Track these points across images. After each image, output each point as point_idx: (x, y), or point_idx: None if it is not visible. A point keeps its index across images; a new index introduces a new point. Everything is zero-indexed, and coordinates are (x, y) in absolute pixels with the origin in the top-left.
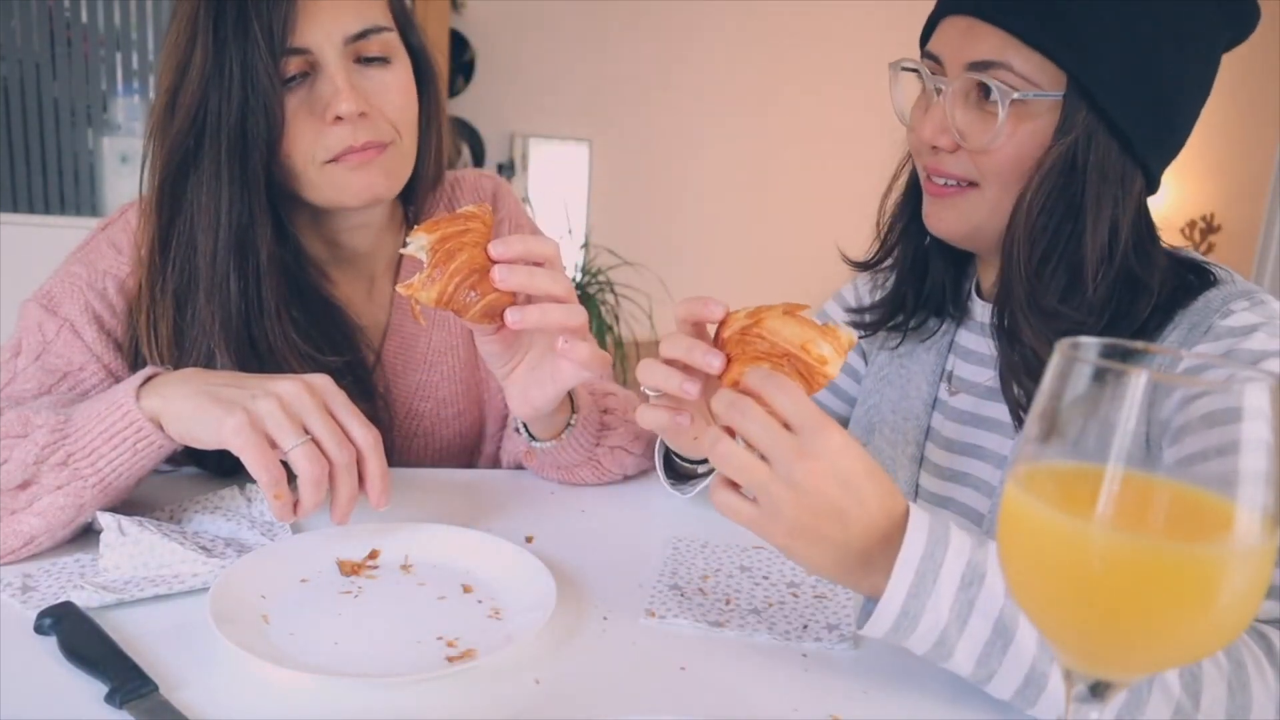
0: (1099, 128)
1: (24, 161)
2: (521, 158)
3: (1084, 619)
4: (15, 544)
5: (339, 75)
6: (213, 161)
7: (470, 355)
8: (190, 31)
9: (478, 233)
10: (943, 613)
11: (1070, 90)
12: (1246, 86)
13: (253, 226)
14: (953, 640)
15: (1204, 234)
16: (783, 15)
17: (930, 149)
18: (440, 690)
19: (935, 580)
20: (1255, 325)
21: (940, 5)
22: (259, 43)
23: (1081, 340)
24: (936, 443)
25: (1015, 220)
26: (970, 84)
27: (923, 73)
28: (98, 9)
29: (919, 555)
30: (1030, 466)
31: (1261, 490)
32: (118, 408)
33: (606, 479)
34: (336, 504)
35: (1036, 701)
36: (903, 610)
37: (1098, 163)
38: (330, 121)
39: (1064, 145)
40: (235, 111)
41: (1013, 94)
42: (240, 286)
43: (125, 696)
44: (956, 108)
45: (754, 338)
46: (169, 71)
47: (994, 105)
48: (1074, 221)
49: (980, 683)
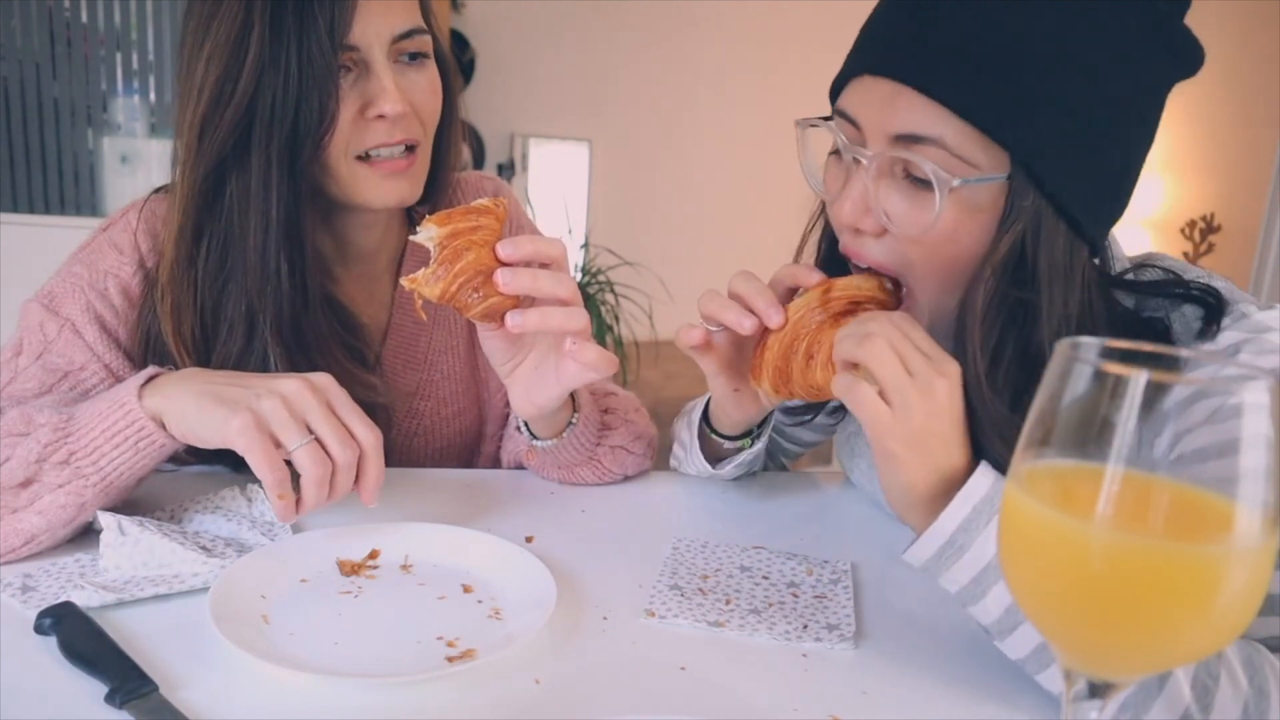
0: (1047, 211)
1: (24, 161)
2: (521, 158)
3: (1084, 619)
4: (16, 543)
5: (386, 75)
6: (262, 154)
7: (470, 355)
8: (242, 25)
9: (489, 230)
10: (987, 552)
11: (1015, 172)
12: (1246, 86)
13: (300, 218)
14: (988, 583)
15: (1204, 234)
16: (783, 15)
17: (853, 231)
18: (440, 690)
19: (989, 522)
20: (1238, 344)
21: (855, 61)
22: (320, 34)
23: (1081, 340)
24: None
25: (964, 328)
26: (896, 160)
27: (840, 139)
28: (98, 9)
29: (980, 495)
30: (1030, 466)
31: (1261, 490)
32: (120, 406)
33: (607, 479)
34: (330, 497)
35: (1050, 665)
36: (950, 540)
37: (1048, 251)
38: (371, 118)
39: (1011, 238)
40: (291, 103)
41: (951, 181)
42: (291, 279)
43: (125, 696)
44: (880, 185)
45: (833, 300)
46: (215, 65)
47: (924, 185)
48: (1024, 320)
49: (1001, 635)
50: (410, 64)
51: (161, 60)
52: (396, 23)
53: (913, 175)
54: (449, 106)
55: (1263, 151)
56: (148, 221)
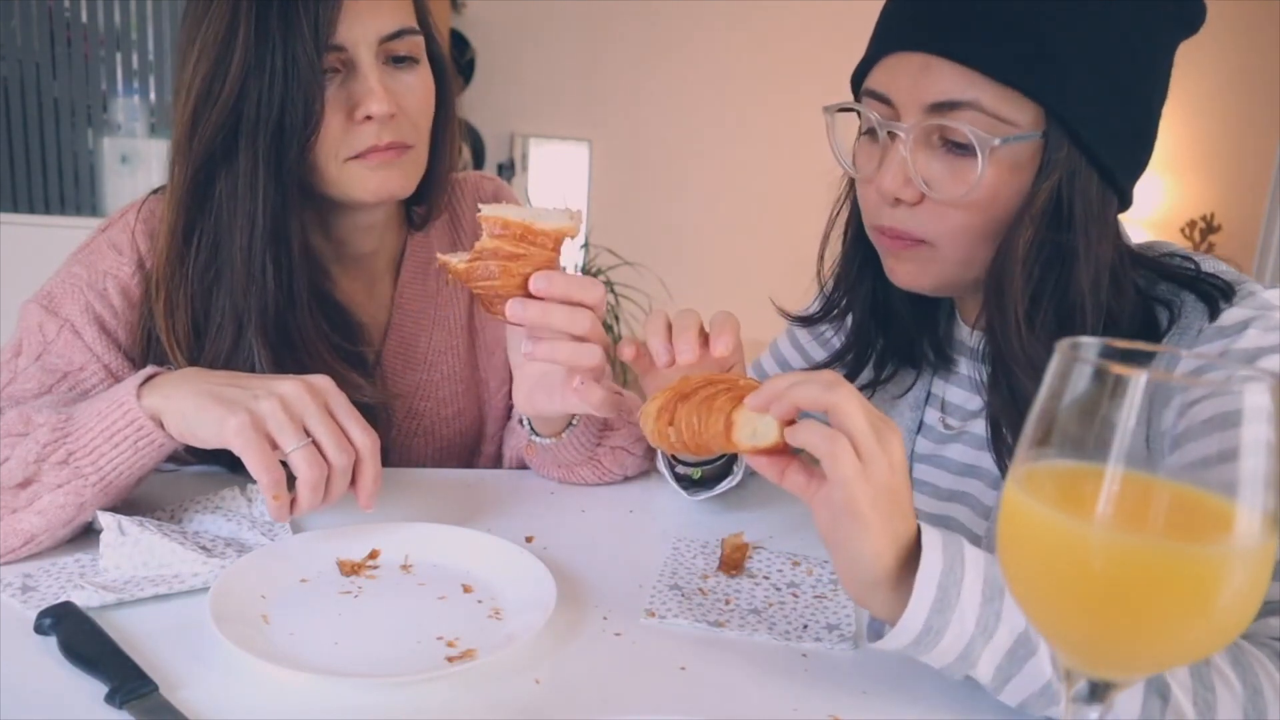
0: (1080, 162)
1: (24, 161)
2: (521, 158)
3: (1084, 619)
4: (15, 543)
5: (372, 75)
6: (249, 153)
7: (470, 355)
8: (229, 25)
9: (530, 261)
10: (968, 626)
11: (1050, 127)
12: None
13: (286, 218)
14: (977, 652)
15: (1204, 234)
16: (784, 15)
17: (892, 202)
18: (440, 690)
19: (959, 595)
20: (1246, 320)
21: (882, 40)
22: (304, 36)
23: (1081, 340)
24: (923, 491)
25: (1004, 274)
26: (933, 128)
27: (871, 117)
28: (98, 9)
29: (940, 569)
30: (1030, 467)
31: (1261, 489)
32: (119, 406)
33: (607, 479)
34: (325, 500)
35: (1049, 706)
36: (925, 626)
37: (1083, 198)
38: (359, 120)
39: (1049, 188)
40: (275, 104)
41: (992, 141)
42: (276, 278)
43: (125, 696)
44: (918, 154)
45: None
46: (204, 64)
47: (961, 150)
48: (1061, 267)
49: (995, 689)
50: (399, 66)
51: (161, 60)
52: (384, 23)
53: (950, 142)
54: (445, 107)
55: (1263, 151)
56: (146, 222)
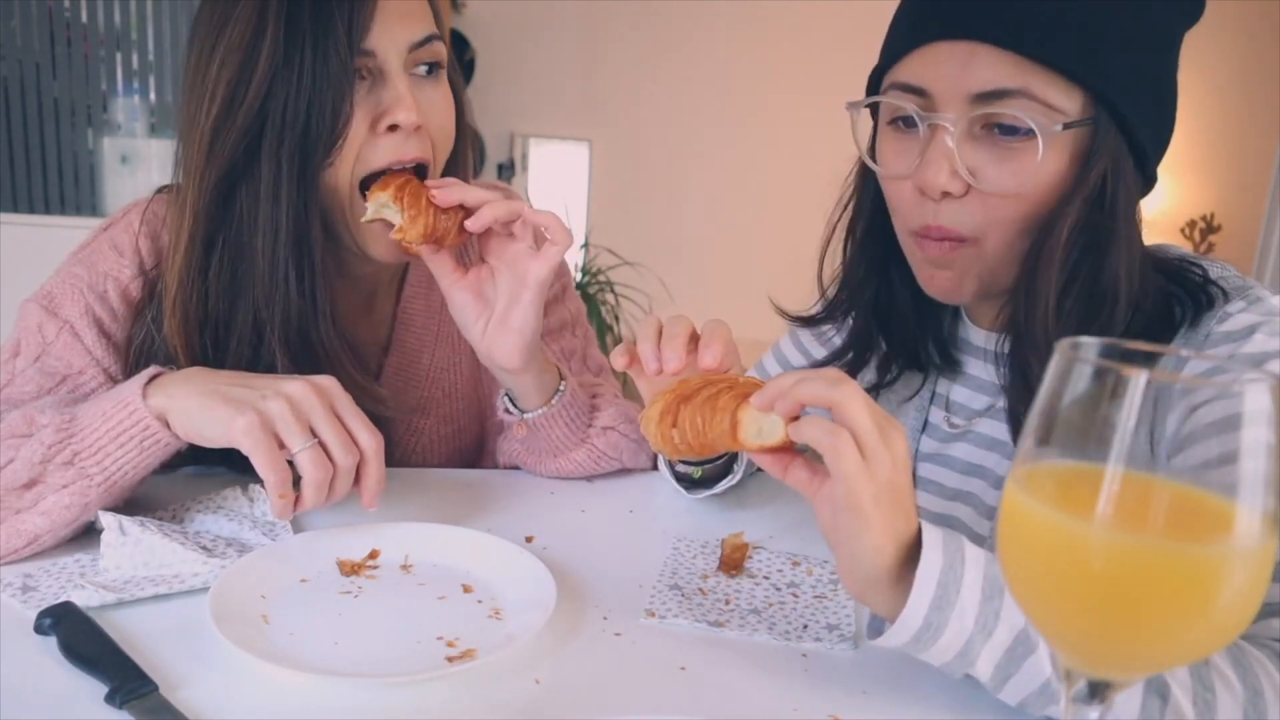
0: (1121, 147)
1: (24, 161)
2: (521, 158)
3: (1084, 619)
4: (19, 544)
5: (401, 82)
6: (273, 160)
7: (474, 371)
8: (255, 27)
9: None
10: (968, 624)
11: (1099, 113)
12: (1246, 86)
13: (309, 226)
14: (976, 650)
15: (1204, 234)
16: (784, 15)
17: (938, 197)
18: (440, 690)
19: (958, 593)
20: (1254, 325)
21: (917, 30)
22: (338, 36)
23: (1081, 340)
24: (927, 490)
25: (1042, 261)
26: (981, 117)
27: (910, 109)
28: (98, 9)
29: (939, 568)
30: (1030, 466)
31: (1261, 490)
32: (124, 405)
33: (603, 465)
34: (329, 500)
35: (1048, 706)
36: (925, 623)
37: (1126, 184)
38: (381, 132)
39: (1096, 174)
40: (303, 106)
41: (1054, 128)
42: (299, 287)
43: (125, 696)
44: (965, 146)
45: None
46: (229, 68)
47: (1008, 139)
48: (1096, 253)
49: (995, 687)
50: (426, 78)
51: (161, 60)
52: (414, 29)
53: (1001, 131)
54: (459, 120)
55: (1263, 151)
56: (149, 224)
